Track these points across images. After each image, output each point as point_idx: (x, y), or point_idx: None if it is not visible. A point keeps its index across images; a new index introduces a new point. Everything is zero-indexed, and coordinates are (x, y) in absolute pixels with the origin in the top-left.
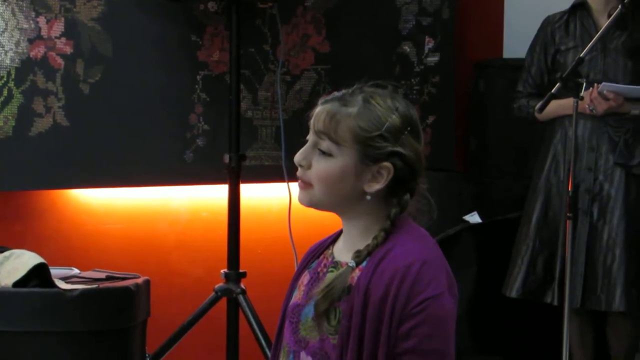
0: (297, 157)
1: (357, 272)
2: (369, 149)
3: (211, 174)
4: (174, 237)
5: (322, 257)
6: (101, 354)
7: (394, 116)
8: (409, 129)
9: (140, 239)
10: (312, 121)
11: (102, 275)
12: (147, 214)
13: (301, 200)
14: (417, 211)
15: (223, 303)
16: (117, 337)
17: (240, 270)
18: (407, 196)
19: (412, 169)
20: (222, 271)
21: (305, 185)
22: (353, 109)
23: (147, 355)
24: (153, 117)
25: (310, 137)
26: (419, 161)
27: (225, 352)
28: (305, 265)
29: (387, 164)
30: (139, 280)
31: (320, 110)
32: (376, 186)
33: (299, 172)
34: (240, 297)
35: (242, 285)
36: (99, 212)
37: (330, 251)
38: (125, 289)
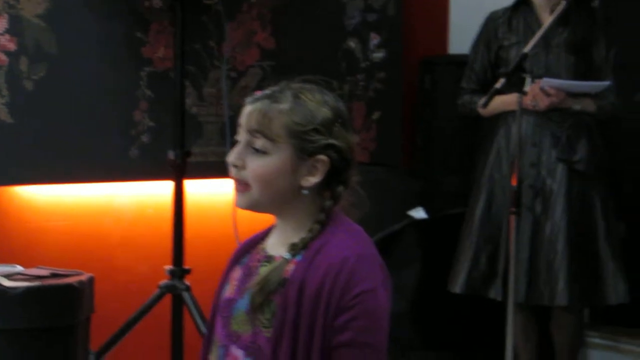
0: (231, 158)
1: (292, 266)
2: (304, 143)
3: (156, 171)
4: (118, 234)
5: (253, 252)
6: (45, 352)
7: (325, 109)
8: (339, 121)
9: (85, 235)
10: (242, 120)
11: (46, 272)
12: (91, 210)
13: (240, 204)
14: (349, 205)
15: (168, 299)
16: (61, 335)
17: (185, 267)
18: (341, 188)
19: (345, 160)
20: (166, 268)
21: (243, 187)
22: (285, 105)
23: (91, 352)
24: (97, 114)
25: (242, 136)
26: (352, 152)
27: (169, 348)
28: (236, 260)
29: (322, 157)
30: (83, 277)
31: (251, 109)
32: (313, 180)
33: (234, 173)
34: (185, 294)
35: (187, 282)
36: (43, 209)
37: (262, 246)
38: (69, 286)
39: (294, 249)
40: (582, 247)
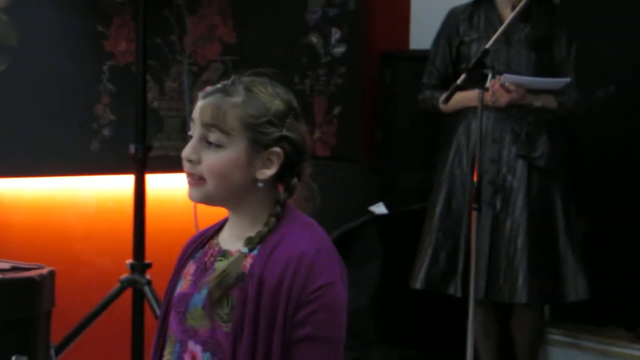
0: (186, 152)
1: (249, 260)
2: (258, 135)
3: (117, 165)
4: (80, 228)
5: (207, 247)
6: (5, 345)
7: (277, 101)
8: (292, 113)
9: (46, 229)
10: (196, 115)
11: (7, 265)
12: (53, 204)
13: (193, 197)
14: (302, 199)
15: (128, 294)
16: (22, 328)
17: (146, 261)
18: (295, 180)
19: (299, 152)
20: (127, 262)
21: (197, 181)
22: (238, 99)
23: (51, 345)
24: (59, 108)
25: (196, 131)
26: (305, 144)
27: (130, 342)
28: (188, 255)
29: (277, 149)
30: (44, 271)
31: (204, 104)
32: (268, 172)
33: (189, 168)
34: (146, 288)
35: (148, 276)
36: (4, 203)
37: (215, 241)
38: (30, 280)
39: (250, 242)
40: (542, 243)
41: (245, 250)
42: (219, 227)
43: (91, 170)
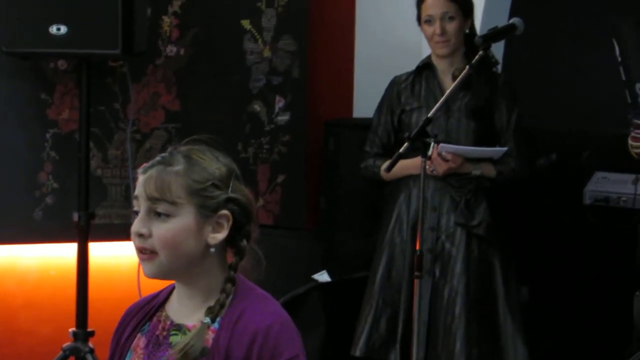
0: (136, 227)
1: (210, 334)
2: (205, 200)
3: (60, 232)
4: (22, 296)
5: (154, 319)
6: None
7: (218, 165)
8: (235, 175)
9: None
10: (139, 191)
11: None
12: None
13: (147, 273)
14: (249, 267)
15: None
16: None
17: (89, 329)
18: (244, 243)
19: (246, 213)
20: (70, 330)
21: (150, 256)
22: (179, 167)
23: None
24: (2, 175)
25: (142, 206)
26: (252, 204)
27: None
28: (134, 327)
29: (225, 211)
30: None
31: (146, 178)
32: (219, 236)
33: (139, 243)
34: (89, 356)
35: (91, 344)
36: None
37: (164, 314)
38: None
39: (212, 312)
40: (480, 311)
41: (207, 321)
42: (164, 298)
43: (34, 238)
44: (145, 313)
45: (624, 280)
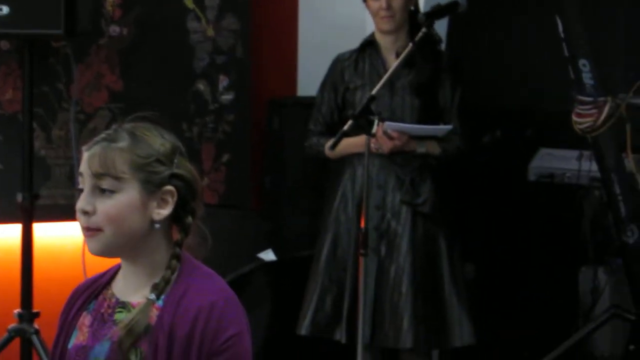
0: (81, 204)
1: (154, 312)
2: (149, 175)
3: (4, 213)
4: None
5: (100, 297)
6: None
7: (162, 141)
8: (179, 151)
9: None
10: (84, 168)
11: None
12: None
13: (92, 249)
14: (195, 244)
15: (17, 343)
16: None
17: (34, 310)
18: (189, 219)
19: (192, 189)
20: (15, 311)
21: (94, 232)
22: (123, 143)
23: None
24: None
25: (87, 183)
26: (197, 181)
27: None
28: (79, 306)
29: (169, 187)
30: None
31: (90, 154)
32: (164, 212)
33: (84, 221)
34: (34, 337)
35: (36, 325)
36: None
37: (110, 291)
38: None
39: (157, 288)
40: (427, 288)
41: (153, 297)
42: (110, 277)
43: None
44: (92, 292)
45: (570, 257)
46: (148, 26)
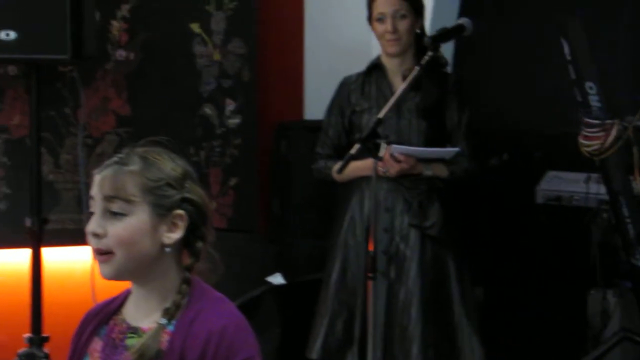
0: (91, 227)
1: (165, 337)
2: (160, 199)
3: (13, 238)
4: None
5: (111, 323)
6: None
7: (173, 165)
8: (190, 176)
9: None
10: (94, 191)
11: None
12: None
13: (104, 273)
14: (206, 269)
15: None
16: None
17: (44, 335)
18: (200, 244)
19: (202, 214)
20: (25, 336)
21: (106, 257)
22: (134, 167)
23: None
24: None
25: (97, 206)
26: (207, 206)
27: None
28: (91, 331)
29: (180, 211)
30: None
31: (101, 177)
32: (174, 236)
33: (95, 243)
34: None
35: (46, 350)
36: None
37: (120, 317)
38: None
39: (168, 313)
40: (436, 312)
41: (164, 321)
42: (120, 302)
43: None
44: (103, 317)
45: (578, 279)
46: (154, 50)
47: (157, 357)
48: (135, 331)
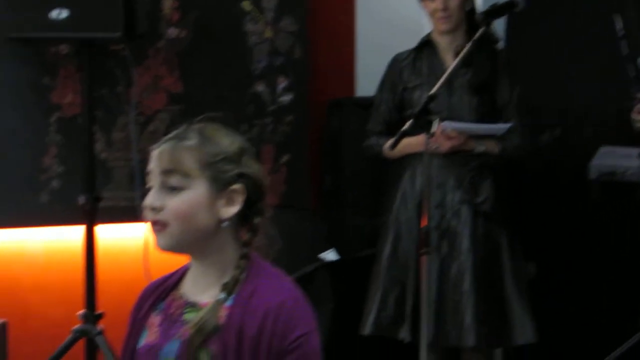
0: (149, 200)
1: (224, 311)
2: (217, 173)
3: (67, 216)
4: (30, 280)
5: (169, 298)
6: None
7: (231, 140)
8: (247, 151)
9: None
10: (152, 165)
11: None
12: (2, 256)
13: (161, 245)
14: (263, 245)
15: (81, 344)
16: None
17: (98, 311)
18: (258, 219)
19: (259, 189)
20: (79, 312)
21: (162, 227)
22: (192, 142)
23: None
24: (7, 160)
25: (155, 180)
26: (264, 180)
27: None
28: (149, 306)
29: (237, 186)
30: None
31: (160, 152)
32: (232, 210)
33: (152, 216)
34: (99, 338)
35: (100, 326)
36: None
37: (179, 292)
38: None
39: (226, 288)
40: (488, 287)
41: (222, 296)
42: (178, 278)
43: (40, 222)
44: (161, 292)
45: (631, 254)
46: (206, 28)
47: (215, 332)
48: (193, 306)
